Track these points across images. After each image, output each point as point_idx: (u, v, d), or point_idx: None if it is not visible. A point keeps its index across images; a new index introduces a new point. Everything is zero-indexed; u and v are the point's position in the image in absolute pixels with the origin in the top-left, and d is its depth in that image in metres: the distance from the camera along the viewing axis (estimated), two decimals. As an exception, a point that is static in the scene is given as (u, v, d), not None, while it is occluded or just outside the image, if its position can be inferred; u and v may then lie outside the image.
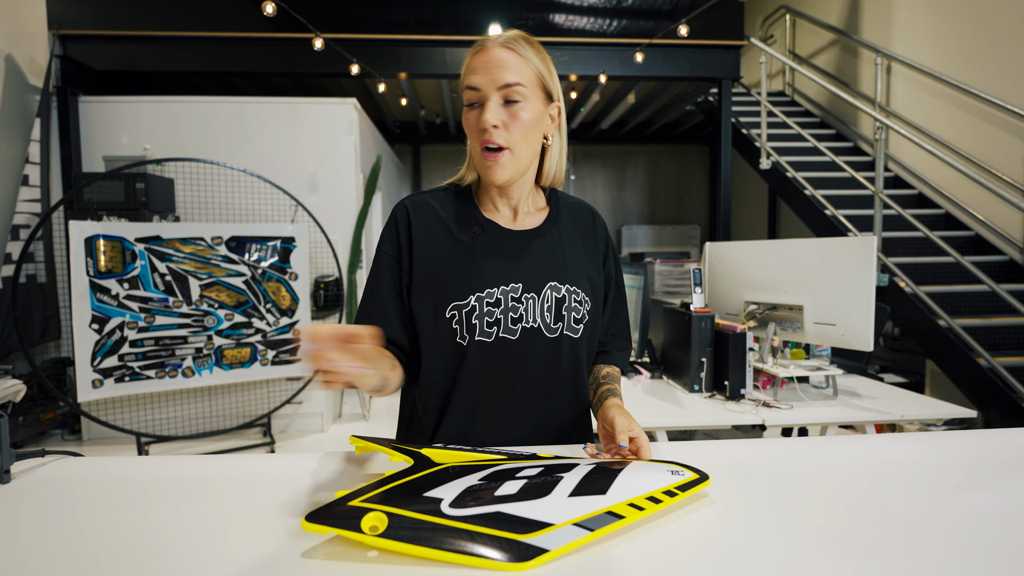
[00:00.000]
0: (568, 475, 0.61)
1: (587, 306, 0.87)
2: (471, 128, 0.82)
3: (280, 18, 3.26)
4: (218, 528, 0.58)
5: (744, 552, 0.51)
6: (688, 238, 7.09)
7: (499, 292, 0.83)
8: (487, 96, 0.80)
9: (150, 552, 0.53)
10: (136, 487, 0.68)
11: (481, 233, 0.86)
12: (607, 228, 0.97)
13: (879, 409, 1.65)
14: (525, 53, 0.82)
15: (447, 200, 0.90)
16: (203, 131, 3.50)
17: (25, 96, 3.28)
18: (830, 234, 3.53)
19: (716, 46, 4.01)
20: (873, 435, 0.90)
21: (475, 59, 0.81)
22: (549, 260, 0.87)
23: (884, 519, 0.58)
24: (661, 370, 2.03)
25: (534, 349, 0.84)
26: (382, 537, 0.49)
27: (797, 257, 1.80)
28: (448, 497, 0.55)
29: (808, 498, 0.63)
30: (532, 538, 0.50)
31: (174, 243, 2.84)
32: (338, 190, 3.61)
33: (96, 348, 2.65)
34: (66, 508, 0.62)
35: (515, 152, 0.81)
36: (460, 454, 0.70)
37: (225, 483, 0.69)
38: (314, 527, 0.50)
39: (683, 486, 0.61)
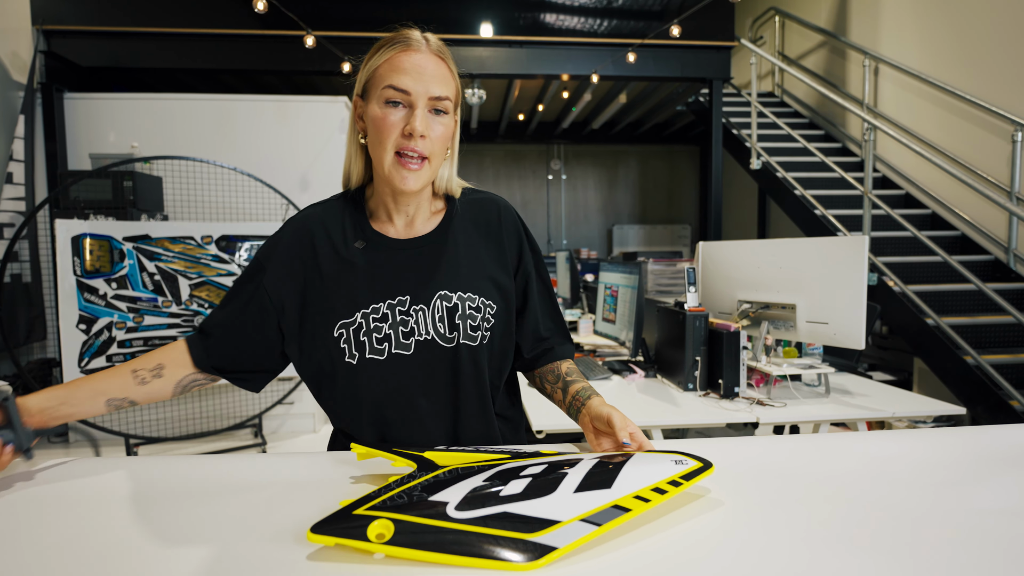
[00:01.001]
0: (573, 470, 0.61)
1: (489, 310, 0.84)
2: (388, 129, 0.76)
3: (270, 15, 3.23)
4: (221, 531, 0.57)
5: (749, 550, 0.52)
6: (678, 238, 7.14)
7: (385, 307, 0.80)
8: (416, 103, 0.76)
9: (151, 556, 0.52)
10: (132, 489, 0.67)
11: (365, 247, 0.83)
12: (519, 220, 0.93)
13: (871, 407, 1.67)
14: (452, 68, 0.81)
15: (336, 213, 0.86)
16: (192, 129, 3.46)
17: (8, 92, 3.22)
18: (820, 234, 3.57)
19: (707, 47, 4.04)
20: (872, 432, 0.91)
21: (403, 58, 0.77)
22: (439, 268, 0.83)
23: (886, 516, 0.58)
24: (655, 369, 2.04)
25: (432, 361, 0.81)
26: (389, 544, 0.49)
27: (790, 256, 1.82)
28: (454, 500, 0.55)
29: (809, 495, 0.64)
30: (540, 536, 0.49)
31: (163, 242, 2.80)
32: (329, 188, 3.58)
33: (84, 349, 2.61)
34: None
35: (432, 163, 0.79)
36: (463, 455, 0.70)
37: (227, 485, 0.69)
38: (320, 538, 0.50)
39: (687, 475, 0.61)
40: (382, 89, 0.76)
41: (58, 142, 3.32)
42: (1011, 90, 3.18)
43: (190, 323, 2.87)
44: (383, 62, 0.78)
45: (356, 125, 0.83)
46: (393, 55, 0.77)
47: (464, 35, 3.91)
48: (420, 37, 0.79)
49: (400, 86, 0.75)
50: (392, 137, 0.76)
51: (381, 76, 0.77)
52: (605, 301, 2.41)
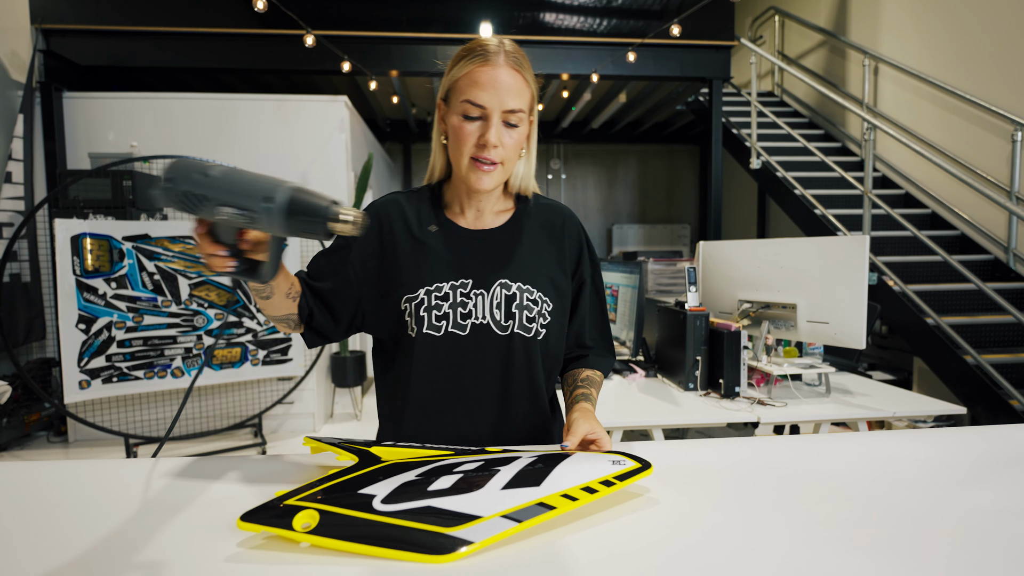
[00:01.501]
0: (506, 468, 0.62)
1: (545, 306, 0.88)
2: (465, 138, 0.82)
3: (270, 14, 3.23)
4: (164, 524, 0.58)
5: (743, 548, 0.51)
6: (678, 237, 7.13)
7: (448, 287, 0.85)
8: (491, 115, 0.81)
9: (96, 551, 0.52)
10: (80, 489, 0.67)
11: (437, 231, 0.89)
12: (583, 230, 0.98)
13: (871, 406, 1.67)
14: (527, 77, 0.85)
15: (416, 201, 0.93)
16: (191, 128, 3.45)
17: (7, 91, 3.21)
18: (820, 233, 3.57)
19: (706, 46, 4.03)
20: (872, 432, 0.91)
21: (481, 73, 0.81)
22: (502, 258, 0.89)
23: (885, 515, 0.58)
24: (656, 368, 2.04)
25: (485, 346, 0.85)
26: (313, 534, 0.51)
27: (790, 256, 1.82)
28: (382, 493, 0.56)
29: (808, 495, 0.64)
30: (458, 531, 0.51)
31: (163, 242, 2.80)
32: (329, 188, 3.58)
33: (83, 348, 2.60)
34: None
35: (505, 167, 0.85)
36: (409, 451, 0.72)
37: (185, 483, 0.70)
38: (248, 526, 0.52)
39: (622, 475, 0.62)
40: (461, 102, 0.82)
41: (57, 141, 3.32)
42: (1011, 89, 3.18)
43: (190, 323, 2.86)
44: (463, 75, 0.82)
45: (439, 127, 0.89)
46: (472, 69, 0.81)
47: (463, 35, 3.91)
48: (497, 47, 0.82)
49: (477, 101, 0.80)
50: (468, 146, 0.82)
51: (460, 89, 0.82)
52: (606, 301, 2.41)
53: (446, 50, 3.91)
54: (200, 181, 0.57)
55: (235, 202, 0.57)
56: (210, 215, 0.58)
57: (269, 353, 3.09)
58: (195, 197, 0.57)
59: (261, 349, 3.07)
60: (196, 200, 0.57)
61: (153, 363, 2.79)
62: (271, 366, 3.10)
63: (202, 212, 0.58)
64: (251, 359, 3.04)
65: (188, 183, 0.57)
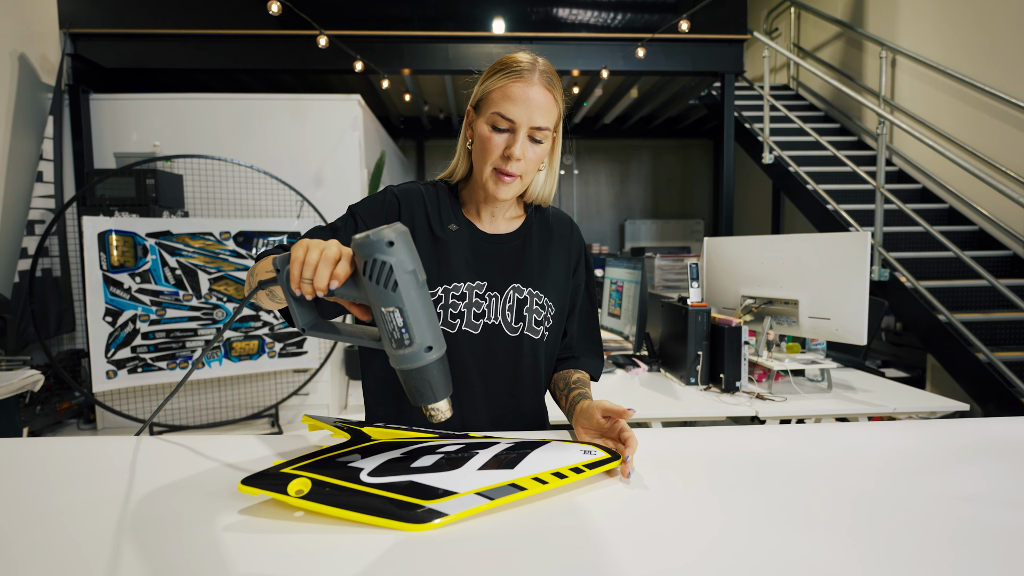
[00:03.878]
0: (484, 451, 0.67)
1: (550, 310, 0.93)
2: (491, 149, 0.85)
3: (285, 15, 3.30)
4: (176, 489, 0.65)
5: (699, 525, 0.56)
6: (692, 232, 7.10)
7: (465, 287, 0.89)
8: (518, 129, 0.83)
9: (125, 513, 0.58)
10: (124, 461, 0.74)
11: (458, 230, 0.92)
12: (583, 239, 1.04)
13: (872, 402, 1.68)
14: (557, 96, 0.87)
15: (435, 194, 0.95)
16: (210, 128, 3.55)
17: (38, 94, 3.35)
18: (832, 229, 3.55)
19: (719, 40, 4.01)
20: (842, 424, 0.94)
21: (515, 88, 0.83)
22: (516, 264, 0.93)
23: (840, 498, 0.62)
24: (659, 363, 2.07)
25: (495, 345, 0.89)
26: (305, 499, 0.56)
27: (793, 252, 1.83)
28: (368, 467, 0.62)
29: (771, 479, 0.68)
30: (435, 504, 0.56)
31: (184, 238, 2.90)
32: (343, 185, 3.66)
33: (110, 340, 2.72)
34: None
35: (524, 180, 0.88)
36: (397, 432, 0.77)
37: (195, 455, 0.78)
38: (248, 489, 0.58)
39: (591, 464, 0.67)
40: (491, 113, 0.84)
41: (84, 141, 3.45)
42: (1031, 82, 3.12)
43: (209, 316, 2.97)
44: (496, 88, 0.84)
45: (466, 132, 0.92)
46: (506, 84, 0.83)
47: (474, 32, 3.95)
48: (531, 65, 0.84)
49: (507, 115, 0.83)
50: (493, 156, 0.85)
51: (493, 101, 0.84)
52: (611, 296, 2.45)
53: (458, 48, 3.96)
54: (407, 281, 0.55)
55: (408, 321, 0.56)
56: (381, 299, 0.56)
57: (285, 346, 3.19)
58: (391, 281, 0.55)
59: (277, 342, 3.17)
60: (389, 282, 0.55)
61: (175, 354, 2.90)
62: (287, 358, 3.20)
63: (381, 288, 0.56)
64: (268, 351, 3.14)
65: (401, 271, 0.55)
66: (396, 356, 0.58)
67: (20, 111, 3.19)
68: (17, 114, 3.17)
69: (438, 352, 0.59)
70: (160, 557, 0.51)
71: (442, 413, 0.62)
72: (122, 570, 0.49)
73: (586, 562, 0.49)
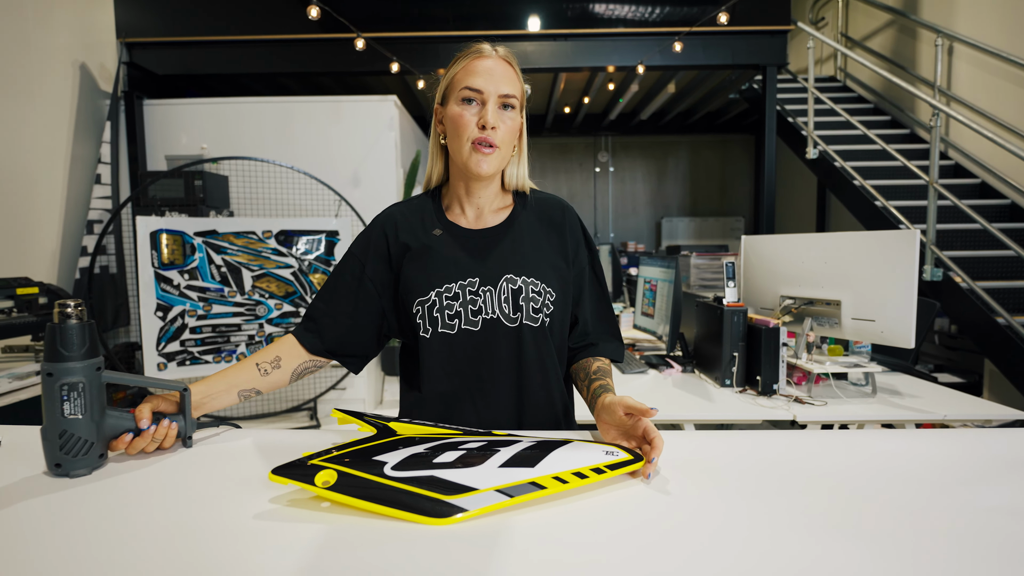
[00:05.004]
0: (505, 449, 0.67)
1: (549, 296, 0.92)
2: (464, 123, 0.88)
3: (324, 19, 3.39)
4: (218, 481, 0.68)
5: (729, 532, 0.54)
6: (732, 230, 6.91)
7: (456, 287, 0.89)
8: (488, 99, 0.87)
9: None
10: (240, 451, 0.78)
11: (441, 234, 0.94)
12: (580, 221, 1.02)
13: (920, 408, 1.60)
14: (518, 72, 0.92)
15: (416, 208, 0.98)
16: (255, 130, 3.68)
17: (97, 101, 3.55)
18: (881, 227, 3.39)
19: (760, 32, 3.89)
20: (883, 430, 0.90)
21: (476, 64, 0.88)
22: (506, 255, 0.93)
23: (876, 509, 0.59)
24: (693, 364, 2.03)
25: (497, 338, 0.90)
26: (331, 490, 0.58)
27: (836, 251, 1.76)
28: (392, 461, 0.64)
29: (803, 486, 0.65)
30: (456, 499, 0.57)
31: (228, 237, 3.02)
32: (379, 184, 3.73)
33: (160, 334, 2.86)
34: (236, 466, 0.72)
35: (502, 151, 0.90)
36: (422, 428, 0.78)
37: (242, 446, 0.80)
38: (278, 478, 0.61)
39: (613, 465, 0.66)
40: (459, 91, 0.88)
41: (138, 145, 3.63)
42: (1105, 68, 2.89)
43: (252, 312, 3.08)
44: (459, 70, 0.89)
45: (436, 129, 0.95)
46: (468, 63, 0.89)
47: (508, 31, 3.95)
48: (490, 47, 0.91)
49: (474, 86, 0.87)
50: (468, 129, 0.88)
51: (458, 81, 0.89)
52: (644, 295, 2.41)
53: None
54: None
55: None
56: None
57: (324, 342, 3.28)
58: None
59: (316, 338, 3.26)
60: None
61: (220, 348, 3.03)
62: (325, 354, 3.28)
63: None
64: (307, 347, 3.24)
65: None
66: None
67: (81, 117, 3.39)
68: (78, 120, 3.37)
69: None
70: (192, 539, 0.53)
71: None
72: (153, 548, 0.51)
73: (600, 564, 0.49)
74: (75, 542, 0.53)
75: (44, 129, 3.11)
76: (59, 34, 3.23)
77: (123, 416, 0.74)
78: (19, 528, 0.56)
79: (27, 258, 2.99)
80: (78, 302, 0.69)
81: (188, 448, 0.81)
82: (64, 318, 0.68)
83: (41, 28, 3.09)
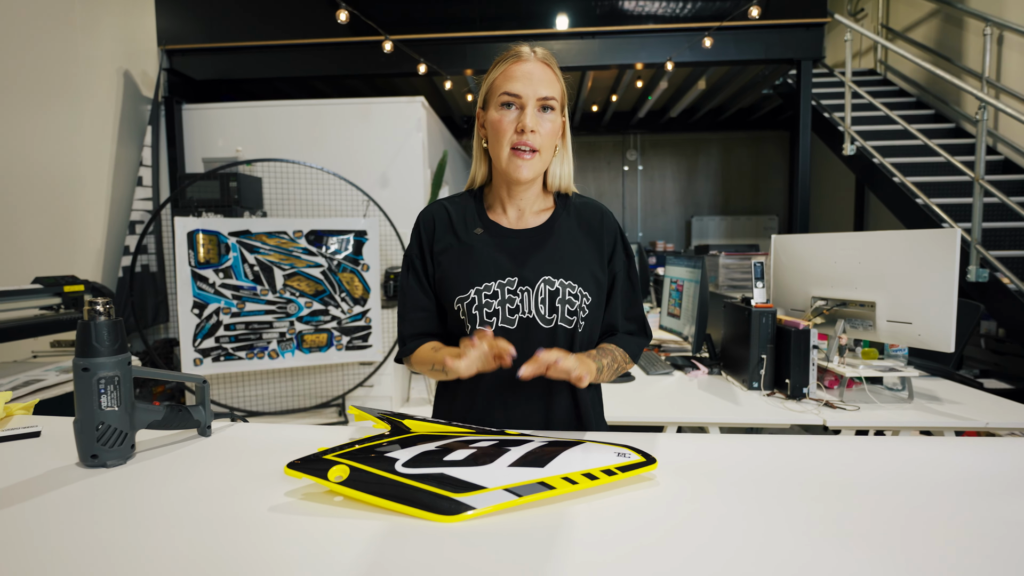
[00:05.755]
0: (516, 448, 0.67)
1: (584, 300, 0.93)
2: (503, 128, 0.89)
3: (354, 23, 3.45)
4: (239, 474, 0.70)
5: (737, 538, 0.53)
6: (764, 229, 6.74)
7: (496, 285, 0.91)
8: (526, 103, 0.88)
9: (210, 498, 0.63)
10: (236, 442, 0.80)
11: (483, 233, 0.95)
12: (618, 225, 1.02)
13: (961, 415, 1.53)
14: (557, 73, 0.92)
15: (459, 206, 1.00)
16: (287, 132, 3.78)
17: (139, 107, 3.70)
18: (922, 225, 3.26)
19: (795, 25, 3.78)
20: (914, 437, 0.86)
21: (514, 68, 0.89)
22: (545, 256, 0.93)
23: (898, 517, 0.57)
24: (720, 366, 1.99)
25: (531, 338, 0.91)
26: (343, 485, 0.59)
27: (871, 251, 1.70)
28: (404, 458, 0.64)
29: (820, 493, 0.63)
30: (465, 497, 0.57)
31: (261, 236, 3.11)
32: (407, 185, 3.78)
33: (196, 330, 2.97)
34: (251, 456, 0.75)
35: (542, 155, 0.91)
36: (435, 426, 0.79)
37: (265, 440, 0.82)
38: (293, 472, 0.62)
39: (625, 467, 0.65)
40: (498, 96, 0.89)
41: (177, 148, 3.77)
42: None
43: (283, 310, 3.16)
44: (498, 75, 0.90)
45: (479, 133, 0.97)
46: (506, 67, 0.90)
47: (535, 30, 3.94)
48: (529, 49, 0.91)
49: (512, 91, 0.88)
50: (508, 134, 0.89)
51: (497, 86, 0.90)
52: (670, 295, 2.37)
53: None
54: None
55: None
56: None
57: (352, 339, 3.34)
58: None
59: (345, 335, 3.32)
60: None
61: (253, 345, 3.12)
62: (354, 351, 3.35)
63: None
64: (336, 344, 3.30)
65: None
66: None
67: (124, 122, 3.54)
68: (122, 125, 3.52)
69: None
70: (208, 529, 0.55)
71: None
72: (173, 537, 0.53)
73: (606, 566, 0.49)
74: (104, 529, 0.56)
75: (91, 134, 3.26)
76: (104, 43, 3.38)
77: (150, 408, 0.78)
78: (55, 515, 0.59)
79: (74, 257, 3.14)
80: (107, 300, 0.72)
81: (207, 437, 0.84)
82: (95, 315, 0.71)
83: (88, 38, 3.24)
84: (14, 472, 0.71)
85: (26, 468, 0.72)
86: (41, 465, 0.73)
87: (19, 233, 2.75)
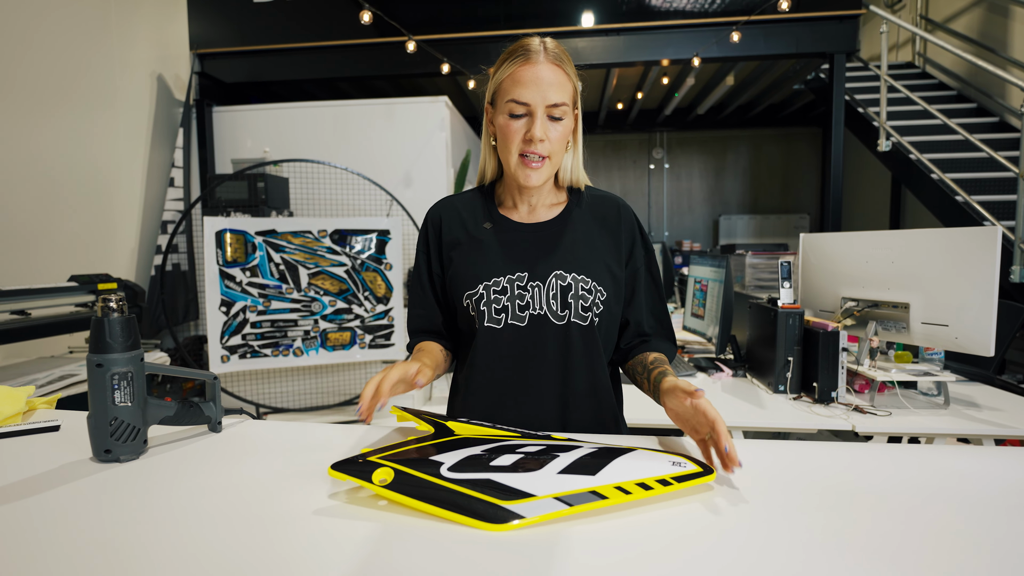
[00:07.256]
0: (565, 455, 0.64)
1: (600, 295, 0.89)
2: (512, 135, 0.86)
3: (378, 23, 3.48)
4: (279, 474, 0.69)
5: (793, 554, 0.51)
6: (795, 228, 6.56)
7: (505, 280, 0.89)
8: (535, 111, 0.84)
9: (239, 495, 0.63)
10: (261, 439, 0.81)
11: (491, 228, 0.93)
12: (636, 220, 0.98)
13: (1000, 423, 1.45)
14: (568, 71, 0.87)
15: (470, 201, 0.98)
16: (314, 133, 3.84)
17: (172, 110, 3.81)
18: (962, 224, 3.11)
19: (827, 18, 3.66)
20: (949, 446, 0.81)
21: (524, 71, 0.84)
22: (557, 250, 0.91)
23: (929, 533, 0.53)
24: (745, 368, 1.93)
25: (544, 335, 0.88)
26: (387, 488, 0.57)
27: (904, 250, 1.63)
28: (449, 462, 0.62)
29: (846, 503, 0.60)
30: (512, 505, 0.54)
31: (287, 236, 3.16)
32: (430, 184, 3.80)
33: (224, 328, 3.03)
34: (264, 451, 0.76)
35: (552, 160, 0.88)
36: (480, 429, 0.76)
37: (316, 445, 0.82)
38: (336, 474, 0.61)
39: (681, 477, 0.61)
40: (506, 102, 0.86)
41: (208, 149, 3.87)
42: None
43: (308, 308, 3.21)
44: (506, 76, 0.86)
45: (488, 129, 0.94)
46: (515, 69, 0.85)
47: (560, 27, 3.91)
48: (538, 46, 0.86)
49: (521, 99, 0.84)
50: (516, 143, 0.86)
51: (505, 90, 0.86)
52: (694, 296, 2.32)
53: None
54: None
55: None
56: None
57: (375, 338, 3.37)
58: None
59: (368, 334, 3.36)
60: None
61: (278, 343, 3.18)
62: (376, 349, 3.38)
63: None
64: (359, 342, 3.34)
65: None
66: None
67: (157, 125, 3.65)
68: (155, 127, 3.63)
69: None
70: (252, 532, 0.55)
71: None
72: (216, 539, 0.53)
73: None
74: (115, 523, 0.57)
75: (125, 137, 3.37)
76: (139, 49, 3.49)
77: (161, 404, 0.79)
78: (68, 508, 0.60)
79: (108, 256, 3.25)
80: (120, 297, 0.73)
81: (217, 432, 0.84)
82: (108, 312, 0.72)
83: (124, 43, 3.35)
84: (30, 465, 0.73)
85: (43, 462, 0.74)
86: (56, 459, 0.74)
87: (57, 233, 2.86)
